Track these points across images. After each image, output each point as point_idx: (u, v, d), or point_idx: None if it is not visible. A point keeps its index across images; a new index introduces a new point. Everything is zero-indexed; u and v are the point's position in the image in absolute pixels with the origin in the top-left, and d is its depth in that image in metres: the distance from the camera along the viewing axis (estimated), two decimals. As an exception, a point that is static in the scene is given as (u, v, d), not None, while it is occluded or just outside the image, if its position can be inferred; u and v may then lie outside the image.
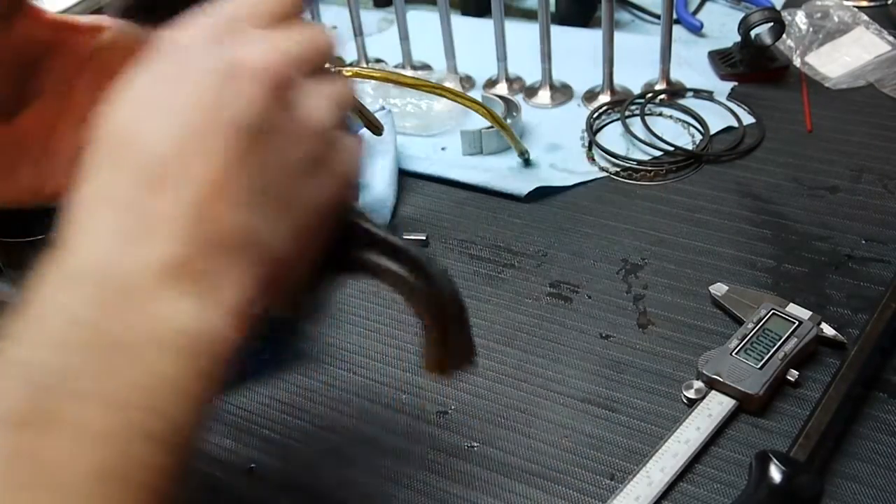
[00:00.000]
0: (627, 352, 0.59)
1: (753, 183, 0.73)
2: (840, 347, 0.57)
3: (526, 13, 1.02)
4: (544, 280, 0.66)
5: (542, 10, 0.80)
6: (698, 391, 0.55)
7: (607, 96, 0.85)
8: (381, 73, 0.72)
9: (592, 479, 0.52)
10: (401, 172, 0.78)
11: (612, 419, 0.55)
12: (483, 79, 0.90)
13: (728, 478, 0.51)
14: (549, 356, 0.60)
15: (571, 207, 0.73)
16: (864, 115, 0.80)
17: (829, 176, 0.73)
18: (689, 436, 0.52)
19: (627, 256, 0.67)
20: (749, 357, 0.55)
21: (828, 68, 0.86)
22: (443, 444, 0.55)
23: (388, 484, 0.53)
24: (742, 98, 0.83)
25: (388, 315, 0.65)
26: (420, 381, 0.59)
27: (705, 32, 0.95)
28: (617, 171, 0.76)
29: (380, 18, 1.06)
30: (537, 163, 0.79)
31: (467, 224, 0.73)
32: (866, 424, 0.53)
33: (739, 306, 0.60)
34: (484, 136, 0.80)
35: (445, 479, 0.53)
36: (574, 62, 0.89)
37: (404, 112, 0.84)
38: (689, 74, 0.87)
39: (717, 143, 0.79)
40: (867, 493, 0.49)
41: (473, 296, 0.65)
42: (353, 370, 0.61)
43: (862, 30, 0.88)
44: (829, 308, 0.60)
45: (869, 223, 0.67)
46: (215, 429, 0.58)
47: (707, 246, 0.67)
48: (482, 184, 0.76)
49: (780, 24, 0.83)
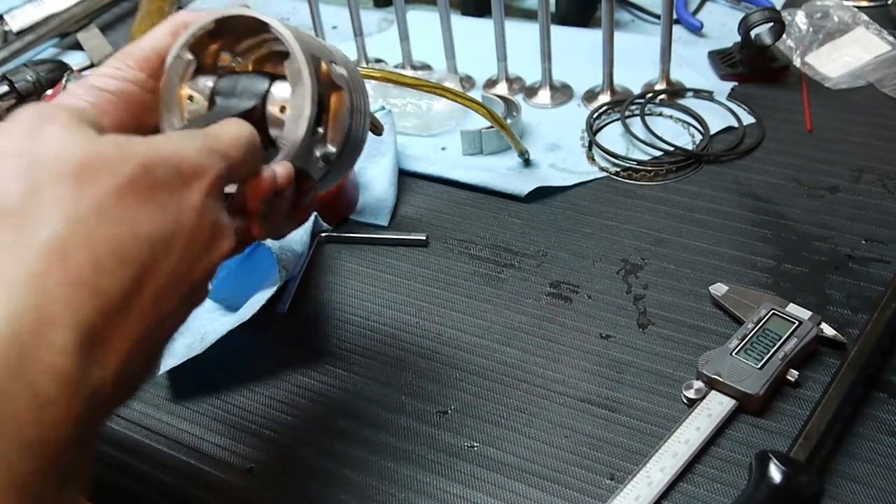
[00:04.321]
0: (627, 352, 0.59)
1: (753, 183, 0.73)
2: (840, 347, 0.57)
3: (526, 13, 1.02)
4: (544, 280, 0.66)
5: (542, 10, 0.80)
6: (698, 391, 0.55)
7: (607, 96, 0.85)
8: (381, 73, 0.72)
9: (592, 479, 0.52)
10: (401, 172, 0.78)
11: (612, 419, 0.55)
12: (483, 79, 0.90)
13: (728, 478, 0.51)
14: (549, 356, 0.60)
15: (571, 207, 0.73)
16: (864, 115, 0.80)
17: (829, 176, 0.73)
18: (689, 436, 0.52)
19: (627, 256, 0.67)
20: (749, 357, 0.55)
21: (828, 68, 0.86)
22: (443, 444, 0.55)
23: (388, 484, 0.53)
24: (742, 98, 0.83)
25: (388, 315, 0.65)
26: (420, 381, 0.59)
27: (705, 32, 0.95)
28: (617, 171, 0.76)
29: (380, 18, 1.06)
30: (537, 163, 0.79)
31: (467, 224, 0.73)
32: (866, 424, 0.53)
33: (739, 306, 0.60)
34: (484, 136, 0.80)
35: (445, 479, 0.53)
36: (574, 62, 0.89)
37: (404, 112, 0.84)
38: (689, 74, 0.87)
39: (717, 143, 0.79)
40: (867, 493, 0.49)
41: (473, 296, 0.65)
42: (353, 370, 0.61)
43: (862, 30, 0.88)
44: (829, 308, 0.60)
45: (869, 223, 0.67)
46: (215, 429, 0.58)
47: (707, 246, 0.67)
48: (482, 184, 0.76)
49: (780, 24, 0.83)
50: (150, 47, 0.48)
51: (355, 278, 0.68)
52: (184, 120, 0.49)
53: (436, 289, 0.66)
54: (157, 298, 0.37)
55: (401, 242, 0.71)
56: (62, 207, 0.34)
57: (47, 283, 0.33)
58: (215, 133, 0.42)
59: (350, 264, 0.70)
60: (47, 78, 0.91)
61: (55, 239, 0.34)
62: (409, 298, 0.66)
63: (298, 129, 0.46)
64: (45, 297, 0.32)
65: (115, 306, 0.34)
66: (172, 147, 0.39)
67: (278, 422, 0.58)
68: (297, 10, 1.11)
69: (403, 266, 0.69)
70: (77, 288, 0.33)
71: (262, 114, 0.48)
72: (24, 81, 0.90)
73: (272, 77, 0.48)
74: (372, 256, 0.70)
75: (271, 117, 0.48)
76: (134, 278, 0.36)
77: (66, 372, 0.32)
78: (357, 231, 0.72)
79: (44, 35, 1.03)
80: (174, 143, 0.39)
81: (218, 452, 0.56)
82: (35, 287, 0.32)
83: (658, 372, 0.58)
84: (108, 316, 0.34)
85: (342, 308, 0.66)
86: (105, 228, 0.35)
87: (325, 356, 0.62)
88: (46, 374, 0.31)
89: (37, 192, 0.34)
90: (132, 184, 0.36)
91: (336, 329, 0.64)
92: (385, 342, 0.62)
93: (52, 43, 1.05)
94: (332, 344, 0.63)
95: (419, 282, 0.67)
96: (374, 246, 0.71)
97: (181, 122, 0.49)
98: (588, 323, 0.62)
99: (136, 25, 1.00)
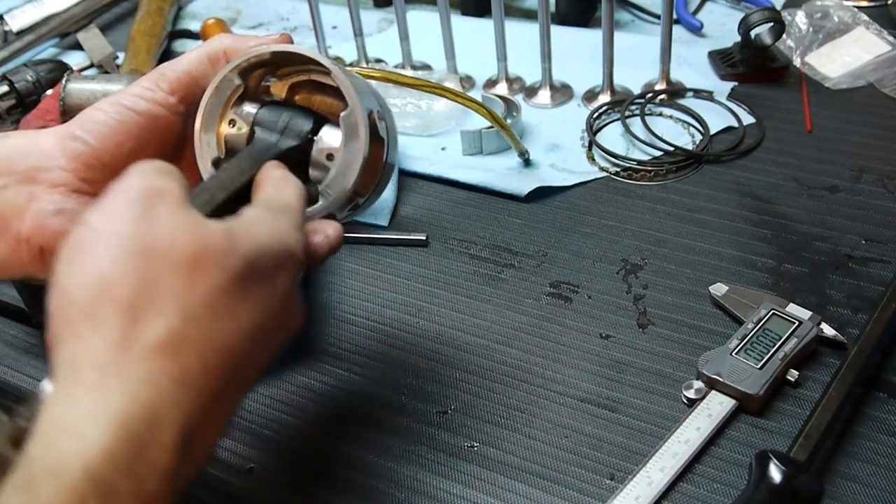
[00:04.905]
0: (627, 352, 0.59)
1: (753, 183, 0.73)
2: (840, 347, 0.57)
3: (526, 13, 1.02)
4: (544, 280, 0.66)
5: (542, 10, 0.80)
6: (698, 391, 0.55)
7: (607, 96, 0.85)
8: (381, 73, 0.72)
9: (592, 479, 0.52)
10: (401, 172, 0.78)
11: (612, 419, 0.55)
12: (483, 79, 0.90)
13: (728, 478, 0.51)
14: (549, 356, 0.60)
15: (571, 207, 0.73)
16: (864, 115, 0.80)
17: (829, 176, 0.73)
18: (689, 436, 0.52)
19: (627, 256, 0.67)
20: (749, 357, 0.55)
21: (828, 68, 0.86)
22: (443, 444, 0.55)
23: (388, 484, 0.53)
24: (742, 98, 0.83)
25: (388, 315, 0.65)
26: (420, 381, 0.59)
27: (705, 32, 0.95)
28: (617, 171, 0.76)
29: (380, 18, 1.06)
30: (537, 163, 0.79)
31: (467, 224, 0.73)
32: (866, 424, 0.53)
33: (739, 306, 0.60)
34: (484, 136, 0.80)
35: (445, 479, 0.53)
36: (574, 62, 0.89)
37: (404, 112, 0.84)
38: (689, 74, 0.87)
39: (717, 143, 0.79)
40: (867, 493, 0.49)
41: (473, 296, 0.65)
42: (353, 370, 0.61)
43: (862, 30, 0.88)
44: (829, 308, 0.60)
45: (869, 223, 0.67)
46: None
47: (707, 246, 0.67)
48: (482, 184, 0.76)
49: (780, 24, 0.83)
50: (185, 70, 0.49)
51: (355, 278, 0.68)
52: (221, 143, 0.49)
53: (436, 289, 0.66)
54: (245, 383, 0.38)
55: (401, 242, 0.71)
56: (178, 302, 0.35)
57: (160, 381, 0.33)
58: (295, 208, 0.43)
59: (350, 264, 0.70)
60: (47, 78, 0.91)
61: (170, 335, 0.34)
62: (409, 298, 0.66)
63: (346, 182, 0.47)
64: (158, 394, 0.33)
65: (212, 402, 0.35)
66: (269, 235, 0.39)
67: (278, 422, 0.58)
68: (297, 10, 1.11)
69: (403, 266, 0.69)
70: (184, 387, 0.34)
71: (303, 152, 0.49)
72: (24, 81, 0.89)
73: (315, 115, 0.49)
74: (372, 256, 0.70)
75: (315, 161, 0.49)
76: (232, 373, 0.36)
77: (168, 470, 0.33)
78: (357, 231, 0.72)
79: (44, 35, 1.03)
80: (269, 229, 0.40)
81: (218, 452, 0.56)
82: (149, 384, 0.33)
83: (658, 372, 0.58)
84: (206, 413, 0.35)
85: (342, 308, 0.66)
86: (214, 326, 0.36)
87: (325, 356, 0.62)
88: (153, 473, 0.32)
89: (152, 283, 0.34)
90: (238, 277, 0.37)
91: (336, 329, 0.64)
92: (385, 342, 0.62)
93: (52, 43, 1.05)
94: (331, 344, 0.63)
95: (419, 282, 0.67)
96: (374, 246, 0.71)
97: (218, 147, 0.49)
98: (588, 323, 0.62)
99: (136, 25, 1.00)
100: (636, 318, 0.62)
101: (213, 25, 1.01)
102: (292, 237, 0.41)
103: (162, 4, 1.04)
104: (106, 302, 0.34)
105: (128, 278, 0.34)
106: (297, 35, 1.05)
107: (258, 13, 1.12)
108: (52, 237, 0.45)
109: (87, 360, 0.33)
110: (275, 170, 0.45)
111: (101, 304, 0.34)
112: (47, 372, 0.34)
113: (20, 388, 0.62)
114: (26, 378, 0.62)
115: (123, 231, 0.35)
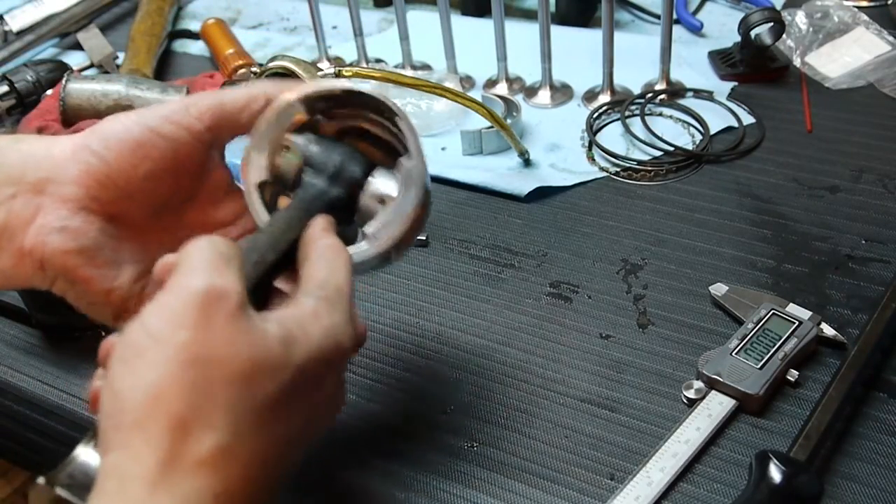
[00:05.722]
0: (627, 352, 0.59)
1: (753, 183, 0.73)
2: (840, 347, 0.57)
3: (526, 13, 1.02)
4: (544, 280, 0.66)
5: (542, 10, 0.80)
6: (698, 391, 0.55)
7: (607, 96, 0.85)
8: (381, 73, 0.72)
9: (592, 479, 0.52)
10: (401, 172, 0.78)
11: (612, 419, 0.55)
12: (483, 79, 0.90)
13: (728, 478, 0.51)
14: (549, 356, 0.60)
15: (571, 207, 0.73)
16: (864, 115, 0.80)
17: (829, 176, 0.73)
18: (689, 436, 0.52)
19: (627, 256, 0.67)
20: (749, 357, 0.55)
21: (828, 68, 0.86)
22: (443, 444, 0.55)
23: (388, 484, 0.53)
24: (742, 98, 0.83)
25: (388, 315, 0.65)
26: (420, 381, 0.59)
27: (705, 32, 0.95)
28: (617, 171, 0.76)
29: (380, 18, 1.06)
30: (537, 163, 0.79)
31: (467, 224, 0.73)
32: (866, 424, 0.53)
33: (739, 306, 0.60)
34: (484, 136, 0.80)
35: (445, 479, 0.53)
36: (574, 62, 0.89)
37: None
38: (689, 74, 0.87)
39: (717, 143, 0.79)
40: (867, 493, 0.49)
41: (473, 296, 0.65)
42: (353, 370, 0.61)
43: (862, 30, 0.88)
44: (829, 308, 0.60)
45: (869, 223, 0.68)
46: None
47: (707, 246, 0.67)
48: (482, 184, 0.76)
49: (780, 24, 0.83)
50: (220, 101, 0.48)
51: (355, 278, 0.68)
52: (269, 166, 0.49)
53: (436, 289, 0.66)
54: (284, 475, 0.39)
55: (401, 242, 0.71)
56: (228, 415, 0.35)
57: (205, 496, 0.34)
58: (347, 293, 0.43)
59: (350, 264, 0.69)
60: (47, 78, 0.91)
61: (219, 449, 0.34)
62: (409, 298, 0.66)
63: (395, 230, 0.47)
64: None
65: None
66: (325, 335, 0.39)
67: (278, 422, 0.58)
68: (297, 10, 1.11)
69: (403, 266, 0.69)
70: (225, 498, 0.34)
71: (351, 198, 0.48)
72: (24, 81, 0.90)
73: (366, 160, 0.49)
74: (372, 256, 0.70)
75: (364, 207, 0.48)
76: (274, 478, 0.37)
77: None
78: (357, 231, 0.72)
79: (44, 35, 1.03)
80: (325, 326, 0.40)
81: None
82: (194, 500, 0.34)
83: (658, 372, 0.58)
84: None
85: (342, 308, 0.66)
86: (261, 438, 0.36)
87: (325, 356, 0.62)
88: None
89: (206, 395, 0.35)
90: (291, 386, 0.37)
91: (336, 329, 0.64)
92: (385, 342, 0.62)
93: (52, 43, 1.05)
94: (332, 344, 0.63)
95: (419, 282, 0.67)
96: (374, 246, 0.71)
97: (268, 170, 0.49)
98: (588, 323, 0.62)
99: (136, 25, 1.00)
100: (636, 318, 0.62)
101: (212, 26, 1.01)
102: (346, 333, 0.41)
103: (162, 4, 1.05)
104: (159, 414, 0.34)
105: (181, 391, 0.34)
106: (298, 35, 1.05)
107: (258, 13, 1.12)
108: (52, 254, 0.44)
109: (135, 474, 0.33)
110: (325, 238, 0.45)
111: (153, 415, 0.34)
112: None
113: (20, 388, 0.62)
114: (26, 378, 0.62)
115: (180, 340, 0.35)
